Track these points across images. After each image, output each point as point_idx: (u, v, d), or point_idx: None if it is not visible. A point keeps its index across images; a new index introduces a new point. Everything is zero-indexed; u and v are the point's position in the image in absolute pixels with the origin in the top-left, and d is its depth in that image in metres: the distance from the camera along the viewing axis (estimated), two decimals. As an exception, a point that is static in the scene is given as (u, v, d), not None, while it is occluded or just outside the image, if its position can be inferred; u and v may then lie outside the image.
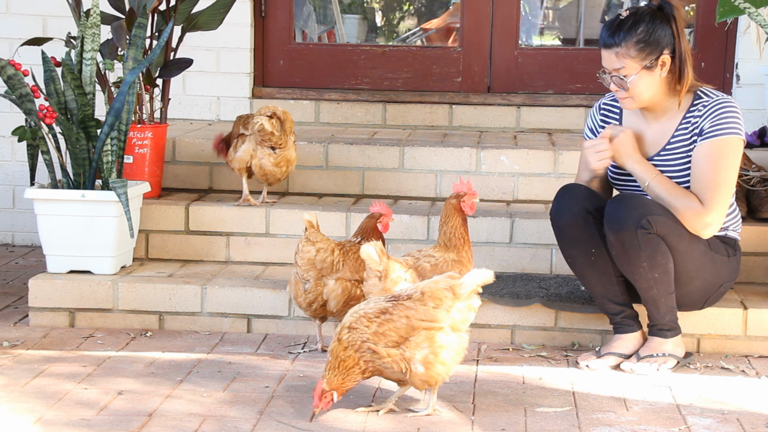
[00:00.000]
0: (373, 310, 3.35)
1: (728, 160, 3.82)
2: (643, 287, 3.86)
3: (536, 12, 7.73)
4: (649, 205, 3.80)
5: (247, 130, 4.60)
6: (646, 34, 3.79)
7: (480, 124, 5.68)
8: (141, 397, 3.56)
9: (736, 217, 4.00)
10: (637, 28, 3.79)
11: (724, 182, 3.81)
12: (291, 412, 3.42)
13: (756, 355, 4.13)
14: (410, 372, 3.34)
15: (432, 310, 3.34)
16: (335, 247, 3.94)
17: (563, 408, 3.55)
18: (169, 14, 4.84)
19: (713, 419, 3.48)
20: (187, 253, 4.69)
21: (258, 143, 4.56)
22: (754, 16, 4.15)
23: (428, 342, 3.34)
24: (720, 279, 3.96)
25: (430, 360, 3.33)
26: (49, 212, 4.39)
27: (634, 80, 3.81)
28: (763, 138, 5.09)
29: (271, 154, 4.56)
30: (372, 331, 3.32)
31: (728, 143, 3.82)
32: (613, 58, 3.82)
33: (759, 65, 5.41)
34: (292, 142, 4.64)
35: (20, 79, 4.37)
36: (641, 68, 3.80)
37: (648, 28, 3.80)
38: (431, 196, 4.98)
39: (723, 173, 3.81)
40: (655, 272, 3.80)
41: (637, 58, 3.79)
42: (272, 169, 4.59)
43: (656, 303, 3.88)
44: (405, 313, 3.33)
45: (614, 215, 3.81)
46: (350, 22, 7.38)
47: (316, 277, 3.92)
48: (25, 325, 4.34)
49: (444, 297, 3.36)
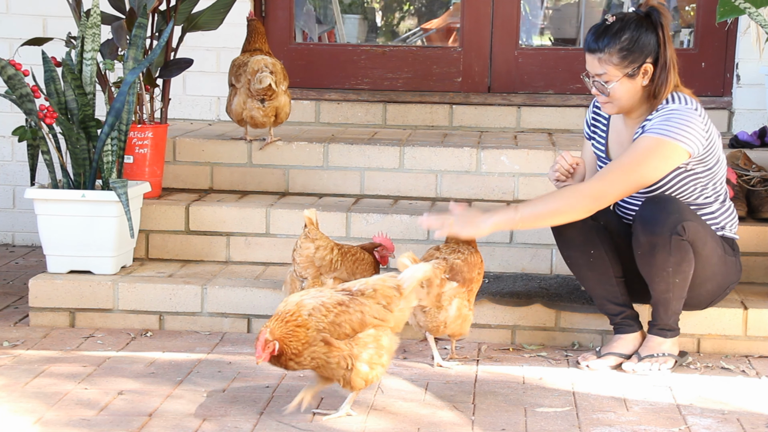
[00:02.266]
0: (331, 301, 3.28)
1: (650, 158, 3.71)
2: (659, 289, 3.84)
3: (536, 12, 7.73)
4: (684, 211, 3.78)
5: (238, 82, 4.86)
6: (630, 42, 3.75)
7: (480, 124, 5.68)
8: (141, 397, 3.56)
9: (732, 217, 3.99)
10: (621, 35, 3.76)
11: (631, 170, 3.70)
12: (291, 412, 3.42)
13: (756, 355, 4.13)
14: (354, 370, 3.28)
15: (382, 308, 3.32)
16: (334, 246, 3.95)
17: (563, 408, 3.55)
18: (170, 14, 4.84)
19: (713, 419, 3.48)
20: (188, 253, 4.69)
21: (248, 96, 4.83)
22: (755, 16, 4.15)
23: (375, 342, 3.30)
24: (728, 280, 3.97)
25: (374, 360, 3.29)
26: (50, 212, 4.39)
27: (614, 86, 3.79)
28: (763, 138, 5.09)
29: (260, 107, 4.87)
30: (329, 321, 3.24)
31: (660, 143, 3.71)
32: (596, 63, 3.79)
33: (759, 65, 5.41)
34: (283, 90, 4.88)
35: (20, 79, 4.37)
36: (623, 75, 3.77)
37: (632, 35, 3.76)
38: (431, 196, 4.98)
39: (638, 165, 3.70)
40: (676, 278, 3.79)
41: (619, 66, 3.76)
42: (262, 120, 4.94)
43: (667, 305, 3.87)
44: (360, 308, 3.29)
45: (650, 218, 3.76)
46: (350, 22, 7.39)
47: (314, 275, 3.92)
48: (25, 325, 4.35)
49: (393, 296, 3.34)
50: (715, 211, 3.92)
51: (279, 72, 4.90)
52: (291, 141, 5.06)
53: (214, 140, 5.08)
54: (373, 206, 4.78)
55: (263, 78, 4.81)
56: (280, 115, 4.97)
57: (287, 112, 5.01)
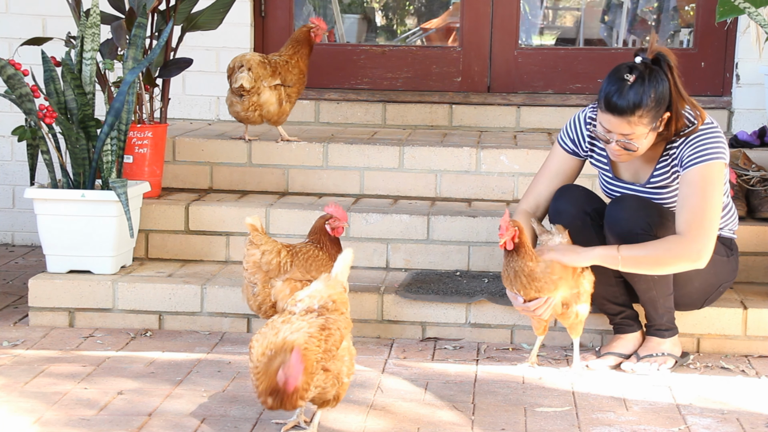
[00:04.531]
0: (315, 328, 3.15)
1: (712, 186, 3.73)
2: (642, 288, 3.86)
3: (536, 12, 7.73)
4: (651, 207, 3.79)
5: None
6: (656, 100, 3.68)
7: (480, 123, 5.68)
8: (141, 396, 3.56)
9: (731, 217, 3.99)
10: (648, 94, 3.67)
11: (710, 207, 3.72)
12: (291, 412, 3.42)
13: (756, 355, 4.13)
14: (342, 385, 3.21)
15: (346, 317, 3.26)
16: (282, 249, 3.90)
17: (563, 408, 3.55)
18: (169, 14, 4.84)
19: (713, 419, 3.48)
20: (187, 252, 4.69)
21: (232, 92, 4.93)
22: (754, 16, 4.15)
23: (347, 351, 3.23)
24: (719, 279, 3.95)
25: (349, 369, 3.24)
26: (49, 212, 4.39)
27: (643, 140, 3.73)
28: (763, 138, 5.09)
29: (238, 102, 4.92)
30: (323, 349, 3.12)
31: (710, 168, 3.74)
32: (625, 125, 3.69)
33: (759, 65, 5.41)
34: (266, 85, 4.89)
35: (20, 78, 4.37)
36: (650, 131, 3.72)
37: (655, 89, 3.68)
38: (431, 196, 4.98)
39: (708, 199, 3.72)
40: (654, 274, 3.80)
41: (648, 124, 3.70)
42: (245, 114, 4.95)
43: (654, 304, 3.88)
44: (336, 326, 3.20)
45: (616, 217, 3.79)
46: (350, 21, 7.38)
47: (263, 280, 3.87)
48: (24, 324, 4.35)
49: (346, 299, 3.30)
50: None
51: (256, 67, 4.87)
52: (290, 141, 5.06)
53: (213, 140, 5.08)
54: (373, 206, 4.78)
55: (239, 77, 4.85)
56: (264, 111, 4.93)
57: (272, 111, 4.95)
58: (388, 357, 4.02)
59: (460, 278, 4.45)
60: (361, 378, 3.77)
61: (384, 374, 3.83)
